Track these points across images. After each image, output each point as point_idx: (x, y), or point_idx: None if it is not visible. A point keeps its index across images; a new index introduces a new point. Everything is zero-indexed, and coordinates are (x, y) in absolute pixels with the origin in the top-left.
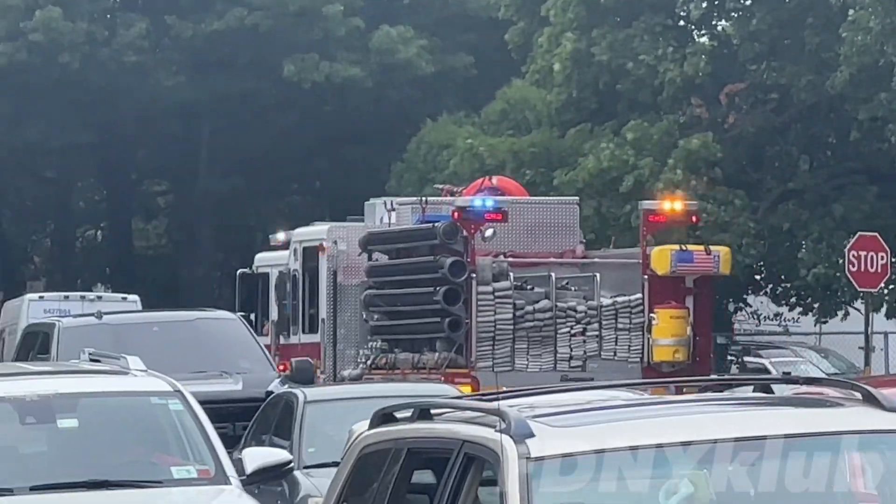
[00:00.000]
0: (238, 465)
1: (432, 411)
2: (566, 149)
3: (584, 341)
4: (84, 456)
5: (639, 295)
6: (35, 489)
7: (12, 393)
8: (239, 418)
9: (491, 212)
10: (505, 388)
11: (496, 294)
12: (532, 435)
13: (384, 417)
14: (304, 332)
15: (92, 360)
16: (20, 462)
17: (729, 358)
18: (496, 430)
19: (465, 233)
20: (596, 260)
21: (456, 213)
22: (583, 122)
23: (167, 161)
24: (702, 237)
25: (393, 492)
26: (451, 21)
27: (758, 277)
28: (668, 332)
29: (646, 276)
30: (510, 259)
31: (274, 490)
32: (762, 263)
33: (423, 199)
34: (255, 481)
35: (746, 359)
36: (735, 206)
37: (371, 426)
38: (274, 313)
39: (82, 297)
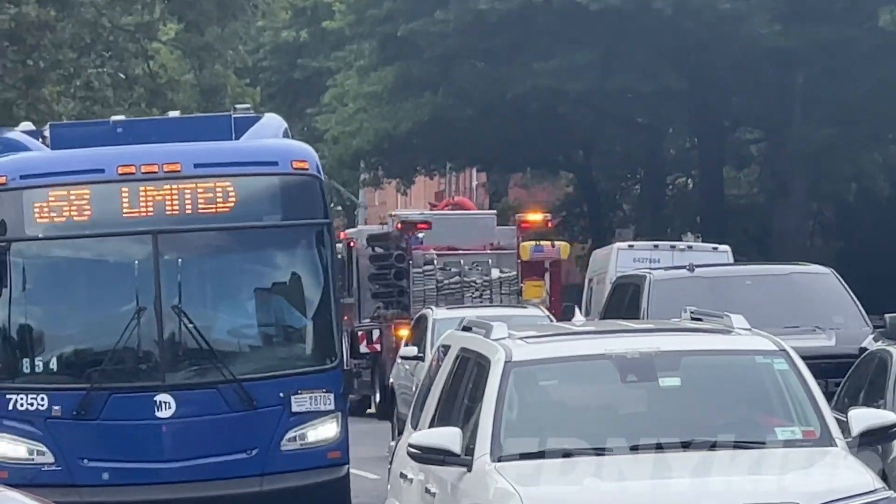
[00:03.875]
0: (843, 426)
1: None
2: None
3: (481, 302)
4: (686, 416)
5: (515, 272)
6: (635, 449)
7: (613, 350)
8: (832, 375)
9: (421, 223)
10: None
11: (425, 273)
12: None
13: None
14: (348, 296)
15: (693, 319)
16: (620, 421)
17: None
18: None
19: (406, 235)
20: (489, 251)
21: (399, 225)
22: None
23: (760, 109)
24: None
25: None
26: None
27: None
28: (532, 295)
29: (518, 261)
30: (436, 252)
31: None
32: None
33: (394, 214)
34: (862, 444)
35: None
36: None
37: None
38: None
39: (672, 247)
